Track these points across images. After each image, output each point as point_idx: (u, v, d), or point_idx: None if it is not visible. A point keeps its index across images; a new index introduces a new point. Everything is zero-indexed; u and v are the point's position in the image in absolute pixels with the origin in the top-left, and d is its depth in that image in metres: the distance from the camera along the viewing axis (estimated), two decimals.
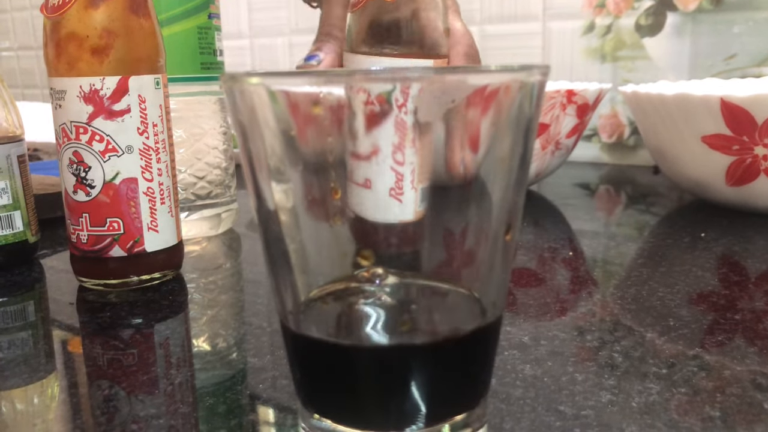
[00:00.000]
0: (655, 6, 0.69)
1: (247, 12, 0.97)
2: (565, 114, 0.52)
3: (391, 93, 0.27)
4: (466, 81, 0.17)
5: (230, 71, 0.18)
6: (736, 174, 0.45)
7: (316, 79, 0.17)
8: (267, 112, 0.18)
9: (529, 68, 0.17)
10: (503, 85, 0.17)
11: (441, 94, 0.18)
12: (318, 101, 0.17)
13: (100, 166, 0.33)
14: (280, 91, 0.17)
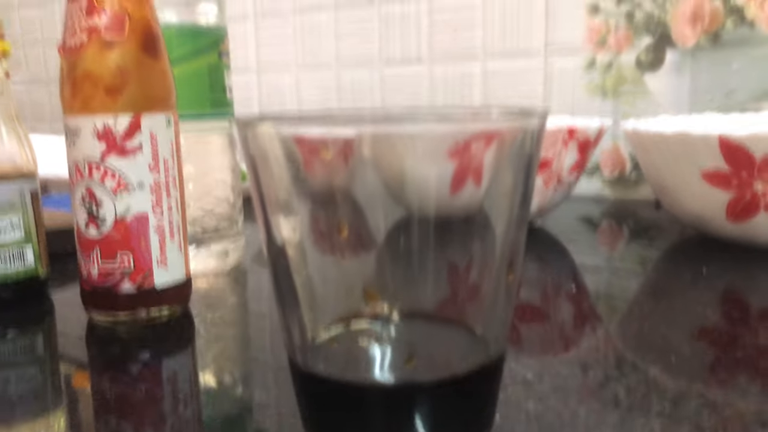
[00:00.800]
0: (654, 43, 0.70)
1: (255, 47, 0.98)
2: (566, 150, 0.53)
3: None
4: (468, 128, 0.18)
5: (243, 115, 0.18)
6: (737, 210, 0.46)
7: (324, 124, 0.18)
8: (278, 155, 0.19)
9: (529, 114, 0.17)
10: (504, 130, 0.18)
11: (443, 137, 0.18)
12: (327, 145, 0.18)
13: (111, 202, 0.34)
14: (291, 135, 0.18)
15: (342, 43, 0.89)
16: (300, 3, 0.92)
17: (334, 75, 0.91)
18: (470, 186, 0.20)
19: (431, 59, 0.82)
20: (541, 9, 0.75)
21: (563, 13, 0.74)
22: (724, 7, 0.66)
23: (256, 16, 0.97)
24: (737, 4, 0.66)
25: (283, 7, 0.94)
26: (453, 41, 0.81)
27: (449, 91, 0.82)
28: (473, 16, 0.79)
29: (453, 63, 0.81)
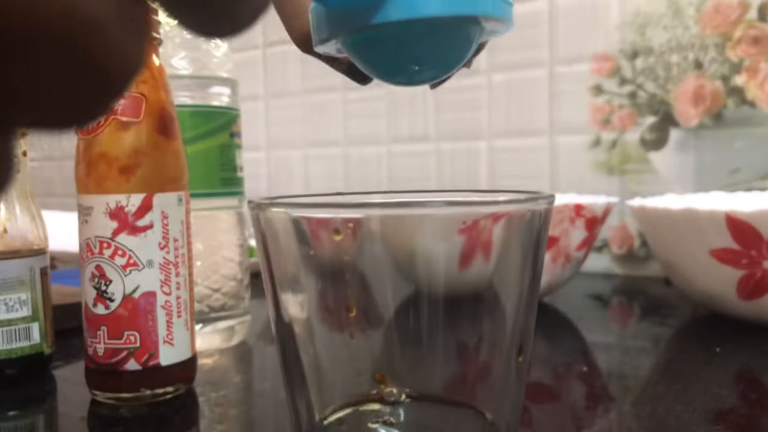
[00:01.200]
0: (658, 122, 0.71)
1: (264, 126, 1.01)
2: (574, 227, 0.53)
3: None
4: (476, 211, 0.18)
5: (256, 198, 0.19)
6: (748, 288, 0.46)
7: (334, 209, 0.18)
8: (289, 236, 0.19)
9: (536, 199, 0.18)
10: (512, 212, 0.18)
11: (452, 219, 0.19)
12: (338, 228, 0.18)
13: (121, 280, 0.34)
14: (301, 217, 0.18)
15: (350, 122, 0.91)
16: (309, 84, 0.95)
17: (341, 152, 0.93)
18: (479, 261, 0.21)
19: (438, 137, 0.84)
20: (544, 90, 0.77)
21: (567, 93, 0.76)
22: (724, 88, 0.68)
23: (266, 97, 1.00)
24: (737, 84, 0.67)
25: (292, 87, 0.97)
26: (459, 120, 0.83)
27: (456, 168, 0.83)
28: (479, 96, 0.81)
29: (459, 141, 0.83)
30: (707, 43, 0.69)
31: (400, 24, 0.18)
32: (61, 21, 0.08)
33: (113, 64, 0.09)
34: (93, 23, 0.09)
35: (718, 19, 0.68)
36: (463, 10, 0.18)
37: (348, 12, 0.19)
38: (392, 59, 0.20)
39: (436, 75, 0.21)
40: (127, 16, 0.09)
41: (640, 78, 0.72)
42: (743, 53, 0.67)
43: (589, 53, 0.74)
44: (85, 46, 0.09)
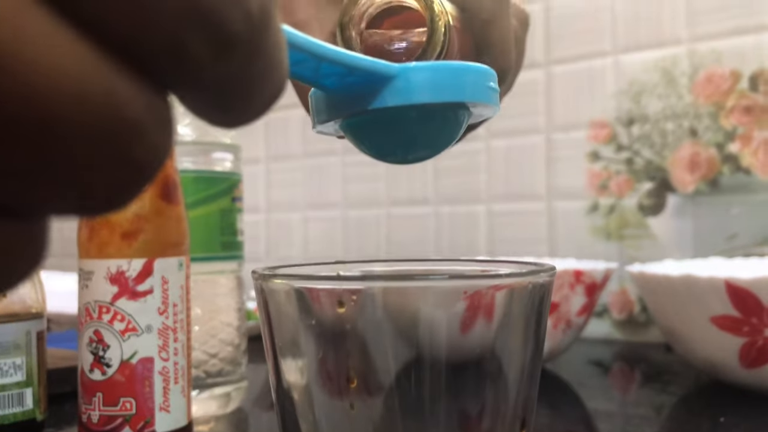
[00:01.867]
0: (655, 188, 0.72)
1: (264, 188, 1.02)
2: (574, 293, 0.53)
3: None
4: (478, 284, 0.18)
5: (260, 269, 0.19)
6: (750, 356, 0.45)
7: (335, 282, 0.19)
8: (291, 306, 0.19)
9: (537, 272, 0.18)
10: (513, 285, 0.18)
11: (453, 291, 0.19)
12: (341, 301, 0.18)
13: (119, 345, 0.34)
14: (304, 288, 0.18)
15: (349, 185, 0.92)
16: (310, 147, 0.96)
17: (340, 214, 0.93)
18: (481, 325, 0.21)
19: (437, 200, 0.85)
20: (542, 156, 0.78)
21: (564, 159, 0.77)
22: (719, 155, 0.69)
23: (267, 160, 1.01)
24: (732, 152, 0.68)
25: (293, 150, 0.98)
26: (458, 184, 0.83)
27: (455, 231, 0.84)
28: (477, 161, 0.82)
29: (458, 204, 0.83)
30: (701, 112, 0.70)
31: (395, 109, 0.20)
32: (105, 120, 0.09)
33: (147, 158, 0.10)
34: (134, 123, 0.10)
35: (711, 88, 0.70)
36: (452, 97, 0.20)
37: (346, 97, 0.20)
38: (387, 141, 0.22)
39: (427, 155, 0.23)
40: (160, 114, 0.10)
41: (637, 144, 0.73)
42: (736, 122, 0.68)
43: (586, 120, 0.76)
44: (125, 143, 0.10)
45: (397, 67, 0.20)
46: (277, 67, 0.11)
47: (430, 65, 0.20)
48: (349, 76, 0.19)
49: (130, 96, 0.10)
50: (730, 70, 0.69)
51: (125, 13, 0.09)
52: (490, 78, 0.21)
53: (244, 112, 0.12)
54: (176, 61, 0.10)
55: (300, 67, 0.18)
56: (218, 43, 0.10)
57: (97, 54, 0.09)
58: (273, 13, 0.11)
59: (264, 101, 0.12)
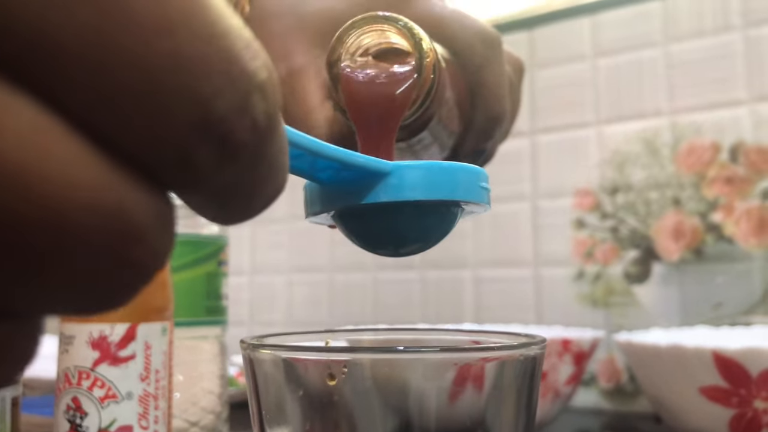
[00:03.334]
0: (640, 256, 0.72)
1: (249, 251, 1.01)
2: (561, 362, 0.52)
3: None
4: (469, 357, 0.18)
5: (249, 338, 0.19)
6: (740, 428, 0.45)
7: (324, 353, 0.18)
8: (279, 376, 0.19)
9: (528, 345, 0.18)
10: (504, 357, 0.18)
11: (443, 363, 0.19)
12: (332, 374, 0.18)
13: (97, 413, 0.33)
14: (292, 358, 0.18)
15: (336, 249, 0.92)
16: (296, 210, 0.96)
17: (327, 278, 0.93)
18: (470, 393, 0.20)
19: (423, 265, 0.84)
20: (528, 222, 0.79)
21: (550, 227, 0.78)
22: (702, 224, 0.70)
23: (253, 222, 1.01)
24: (715, 221, 0.69)
25: (279, 213, 0.98)
26: (444, 250, 0.84)
27: (441, 296, 0.83)
28: (463, 227, 0.82)
29: (444, 269, 0.83)
30: (683, 182, 0.71)
31: (388, 205, 0.20)
32: (114, 229, 0.09)
33: (147, 261, 0.10)
34: (141, 230, 0.10)
35: (692, 159, 0.71)
36: (444, 195, 0.21)
37: (340, 191, 0.21)
38: (378, 235, 0.23)
39: (418, 249, 0.23)
40: (163, 218, 0.10)
41: (621, 213, 0.74)
42: (718, 192, 0.69)
43: (571, 188, 0.77)
44: (131, 247, 0.10)
45: (390, 165, 0.20)
46: (280, 169, 0.12)
47: (423, 164, 0.21)
48: (344, 170, 0.19)
49: (139, 203, 0.10)
50: (711, 141, 0.70)
51: (139, 127, 0.09)
52: (483, 178, 0.22)
53: (243, 212, 0.12)
54: (183, 169, 0.10)
55: (297, 161, 0.18)
56: (225, 152, 0.10)
57: (109, 165, 0.09)
58: (278, 119, 0.11)
59: (264, 201, 0.12)
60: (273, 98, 0.11)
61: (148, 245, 0.10)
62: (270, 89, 0.11)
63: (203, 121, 0.10)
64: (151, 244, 0.10)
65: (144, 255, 0.10)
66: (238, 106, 0.10)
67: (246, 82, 0.10)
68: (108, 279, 0.10)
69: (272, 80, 0.11)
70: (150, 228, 0.10)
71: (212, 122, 0.10)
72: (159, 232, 0.10)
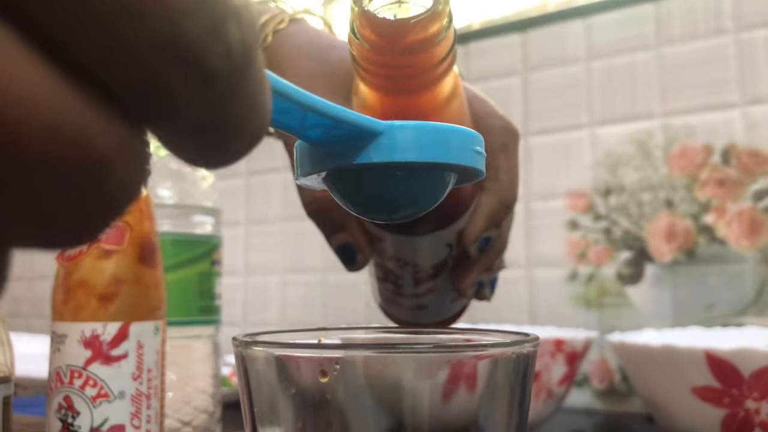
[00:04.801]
0: (633, 257, 0.73)
1: (243, 252, 1.01)
2: (554, 362, 0.53)
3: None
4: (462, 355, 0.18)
5: (240, 336, 0.19)
6: (732, 428, 0.45)
7: (316, 350, 0.18)
8: (271, 374, 0.19)
9: (521, 342, 0.18)
10: (497, 355, 0.18)
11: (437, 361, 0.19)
12: (324, 370, 0.18)
13: (89, 412, 0.33)
14: (285, 356, 0.18)
15: (330, 250, 0.92)
16: (290, 211, 0.96)
17: (320, 278, 0.93)
18: (463, 393, 0.20)
19: None
20: (521, 224, 0.79)
21: (543, 228, 0.78)
22: (695, 226, 0.70)
23: (247, 223, 1.01)
24: (707, 223, 0.70)
25: (273, 214, 0.98)
26: None
27: None
28: None
29: None
30: (676, 184, 0.72)
31: (379, 166, 0.20)
32: (76, 155, 0.09)
33: (116, 192, 0.10)
34: (105, 158, 0.09)
35: (684, 161, 0.71)
36: (437, 158, 0.20)
37: (331, 151, 0.20)
38: (369, 198, 0.22)
39: (411, 214, 0.22)
40: (133, 149, 0.10)
41: (614, 214, 0.74)
42: (710, 194, 0.70)
43: (564, 190, 0.77)
44: (96, 177, 0.09)
45: (383, 124, 0.20)
46: (258, 109, 0.11)
47: (416, 124, 0.20)
48: (335, 129, 0.19)
49: (103, 130, 0.09)
50: (703, 144, 0.71)
51: (100, 44, 0.09)
52: (477, 142, 0.21)
53: (222, 153, 0.11)
54: (151, 96, 0.10)
55: (285, 117, 0.18)
56: (196, 80, 0.10)
57: (71, 87, 0.09)
58: (255, 52, 0.10)
59: (243, 144, 0.11)
60: (249, 29, 0.10)
61: (115, 176, 0.09)
62: (246, 18, 0.10)
63: (172, 42, 0.09)
64: (118, 175, 0.10)
65: (111, 186, 0.10)
66: (211, 29, 0.09)
67: (219, 5, 0.10)
68: (73, 209, 0.09)
69: (249, 11, 0.10)
70: (117, 158, 0.09)
71: (181, 44, 0.09)
72: (127, 164, 0.10)
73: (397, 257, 0.37)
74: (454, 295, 0.39)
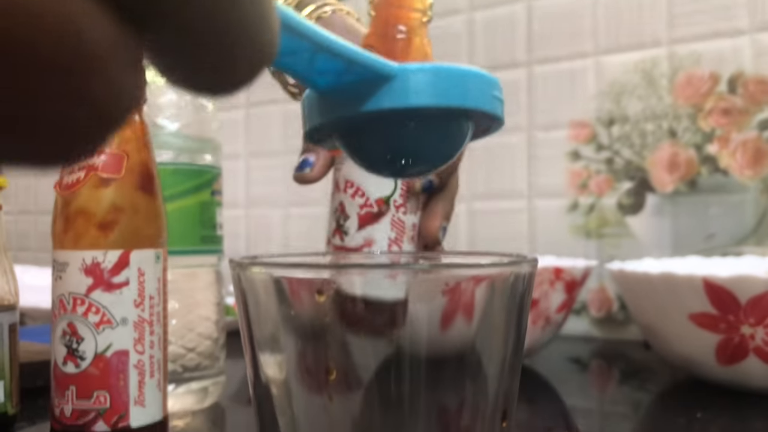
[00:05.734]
0: (634, 187, 0.72)
1: (245, 184, 1.01)
2: (553, 290, 0.53)
3: (390, 197, 0.30)
4: (460, 274, 0.18)
5: (237, 257, 0.19)
6: (726, 353, 0.46)
7: (316, 270, 0.18)
8: (269, 296, 0.19)
9: (519, 262, 0.18)
10: (495, 275, 0.18)
11: (435, 281, 0.19)
12: (320, 289, 0.18)
13: (93, 338, 0.33)
14: (283, 277, 0.18)
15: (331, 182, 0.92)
16: (291, 143, 0.96)
17: (322, 211, 0.93)
18: (461, 322, 0.20)
19: None
20: (523, 154, 0.78)
21: (545, 158, 0.77)
22: (698, 156, 0.70)
23: (247, 156, 1.00)
24: (710, 153, 0.69)
25: (274, 147, 0.97)
26: None
27: None
28: None
29: None
30: (680, 113, 0.71)
31: (392, 114, 0.18)
32: (63, 52, 0.08)
33: (106, 97, 0.09)
34: (94, 56, 0.09)
35: (690, 90, 0.70)
36: (453, 101, 0.18)
37: (340, 99, 0.19)
38: (382, 150, 0.20)
39: (424, 169, 0.21)
40: (126, 53, 0.09)
41: (617, 145, 0.74)
42: (715, 124, 0.69)
43: (567, 120, 0.76)
44: (85, 77, 0.09)
45: (396, 67, 0.18)
46: (261, 27, 0.10)
47: (431, 66, 0.18)
48: (345, 74, 0.18)
49: (92, 26, 0.09)
50: (709, 72, 0.69)
51: None
52: (496, 87, 0.20)
53: (221, 76, 0.11)
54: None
55: (293, 59, 0.16)
56: None
57: None
58: None
59: (246, 66, 0.11)
60: None
61: (105, 78, 0.09)
62: None
63: None
64: (109, 78, 0.09)
65: (102, 90, 0.09)
66: None
67: None
68: (62, 112, 0.09)
69: None
70: (108, 59, 0.09)
71: None
72: (119, 69, 0.09)
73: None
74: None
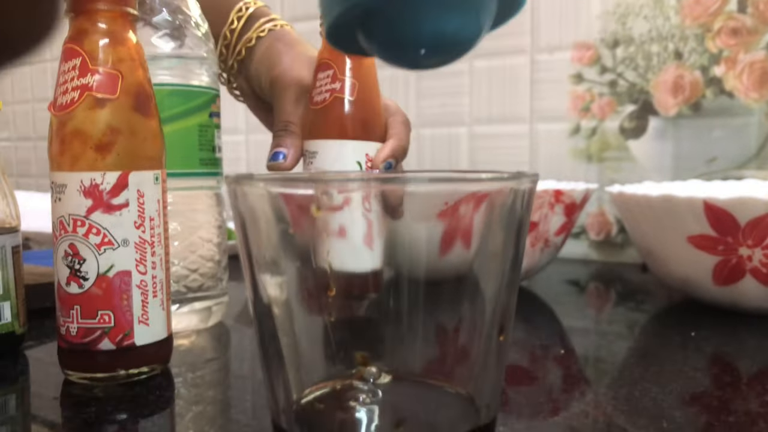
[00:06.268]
0: (637, 111, 0.72)
1: (245, 108, 0.99)
2: (553, 213, 0.53)
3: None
4: (459, 188, 0.18)
5: (233, 174, 0.18)
6: (723, 274, 0.46)
7: (315, 184, 0.18)
8: (267, 213, 0.19)
9: (519, 177, 0.17)
10: (495, 191, 0.18)
11: (434, 197, 0.18)
12: (318, 204, 0.18)
13: (95, 258, 0.33)
14: (281, 193, 0.18)
15: None
16: None
17: None
18: (459, 248, 0.20)
19: (419, 123, 0.84)
20: (526, 77, 0.77)
21: (548, 81, 0.76)
22: (703, 78, 0.68)
23: None
24: (716, 75, 0.68)
25: None
26: (440, 106, 0.82)
27: (436, 153, 0.83)
28: (460, 83, 0.81)
29: (440, 127, 0.83)
30: (687, 34, 0.69)
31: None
32: None
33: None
34: None
35: (699, 10, 0.68)
36: None
37: None
38: (403, 31, 0.20)
39: (445, 56, 0.20)
40: None
41: (621, 67, 0.72)
42: (722, 44, 0.67)
43: (570, 42, 0.74)
44: None
45: None
46: None
47: None
48: None
49: None
50: None
51: None
52: None
53: None
54: None
55: None
56: None
57: None
58: None
59: None
60: None
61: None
62: None
63: None
64: None
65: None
66: None
67: None
68: None
69: None
70: None
71: None
72: None
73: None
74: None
